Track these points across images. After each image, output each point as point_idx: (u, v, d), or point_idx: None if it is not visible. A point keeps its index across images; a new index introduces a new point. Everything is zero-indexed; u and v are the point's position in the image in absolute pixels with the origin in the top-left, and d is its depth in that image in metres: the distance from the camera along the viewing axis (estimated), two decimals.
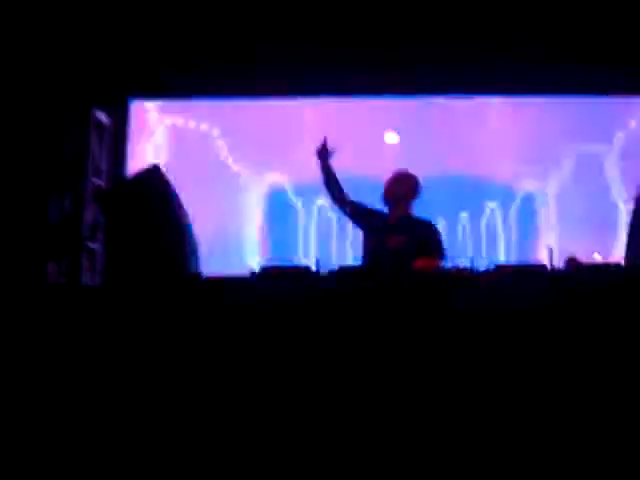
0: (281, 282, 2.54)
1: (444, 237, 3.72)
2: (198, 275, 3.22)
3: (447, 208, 5.63)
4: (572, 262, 3.09)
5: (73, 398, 2.45)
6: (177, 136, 5.99)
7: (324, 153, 3.68)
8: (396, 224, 3.66)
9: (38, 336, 2.58)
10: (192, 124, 5.98)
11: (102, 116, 5.89)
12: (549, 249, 2.89)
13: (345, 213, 3.77)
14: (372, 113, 5.79)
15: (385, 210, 3.76)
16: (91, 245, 5.67)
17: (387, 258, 3.49)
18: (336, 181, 3.73)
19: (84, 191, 5.64)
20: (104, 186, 5.72)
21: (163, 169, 3.22)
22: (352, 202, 3.77)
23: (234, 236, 5.82)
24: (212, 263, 5.10)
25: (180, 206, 3.29)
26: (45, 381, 2.50)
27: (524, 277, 2.63)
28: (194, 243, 3.31)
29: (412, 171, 3.77)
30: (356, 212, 3.76)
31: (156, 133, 6.01)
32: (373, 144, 5.78)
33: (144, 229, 3.13)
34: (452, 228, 5.67)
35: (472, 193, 5.81)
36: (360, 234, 3.81)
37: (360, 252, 3.75)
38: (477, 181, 5.79)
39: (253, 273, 2.57)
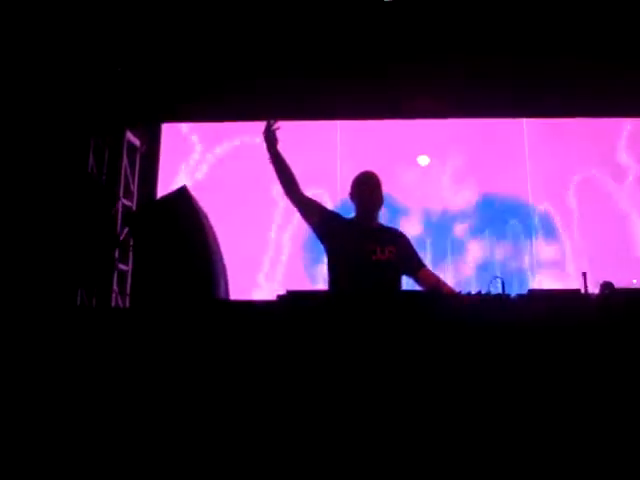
0: (307, 306, 2.51)
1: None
2: (226, 298, 3.20)
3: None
4: (608, 287, 3.00)
5: (104, 419, 2.47)
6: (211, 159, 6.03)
7: (271, 137, 3.32)
8: (371, 232, 3.36)
9: (69, 359, 2.60)
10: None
11: (134, 138, 5.96)
12: (583, 274, 2.80)
13: (300, 209, 3.38)
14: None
15: (345, 215, 3.47)
16: (121, 266, 5.71)
17: (375, 270, 3.24)
18: (287, 169, 3.35)
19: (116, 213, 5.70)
20: (134, 208, 5.78)
21: (191, 191, 3.21)
22: (313, 201, 3.42)
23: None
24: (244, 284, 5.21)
25: (209, 228, 3.28)
26: (75, 403, 2.51)
27: (557, 302, 2.56)
28: (222, 266, 3.29)
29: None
30: (319, 214, 3.40)
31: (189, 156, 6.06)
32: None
33: (172, 251, 3.12)
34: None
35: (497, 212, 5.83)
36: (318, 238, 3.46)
37: (329, 261, 3.39)
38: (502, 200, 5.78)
39: (280, 297, 2.53)
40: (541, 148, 5.82)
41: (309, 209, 3.35)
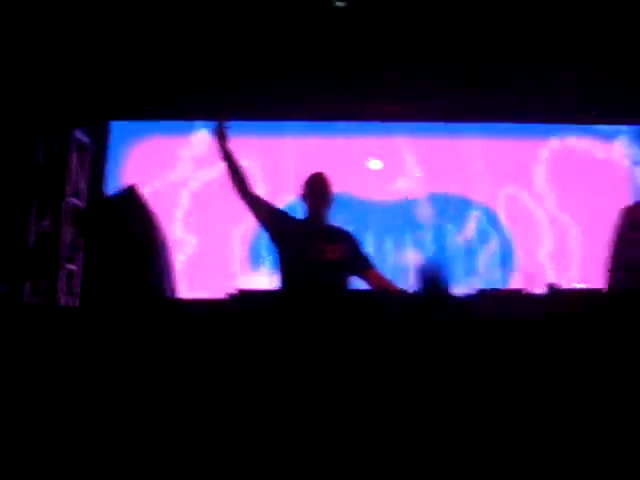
0: (253, 305, 2.52)
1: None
2: (174, 297, 3.18)
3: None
4: (553, 288, 3.08)
5: (50, 418, 2.43)
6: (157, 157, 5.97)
7: (221, 134, 3.33)
8: (321, 232, 3.39)
9: (14, 356, 2.56)
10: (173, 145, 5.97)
11: (83, 137, 5.87)
12: (528, 275, 2.88)
13: (250, 207, 3.38)
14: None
15: (295, 215, 3.49)
16: (69, 266, 5.62)
17: (326, 269, 3.25)
18: (238, 168, 3.36)
19: (62, 211, 5.61)
20: (82, 206, 5.69)
21: (140, 189, 3.18)
22: (263, 200, 3.43)
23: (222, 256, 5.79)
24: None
25: (158, 227, 3.26)
26: (22, 401, 2.47)
27: (503, 301, 2.63)
28: (171, 264, 3.27)
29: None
30: (269, 213, 3.41)
31: (136, 154, 5.99)
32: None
33: (120, 250, 3.09)
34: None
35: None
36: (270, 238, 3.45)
37: (280, 260, 3.38)
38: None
39: (231, 295, 2.54)
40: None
41: (260, 208, 3.37)
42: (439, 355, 2.45)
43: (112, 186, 5.59)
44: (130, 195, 3.23)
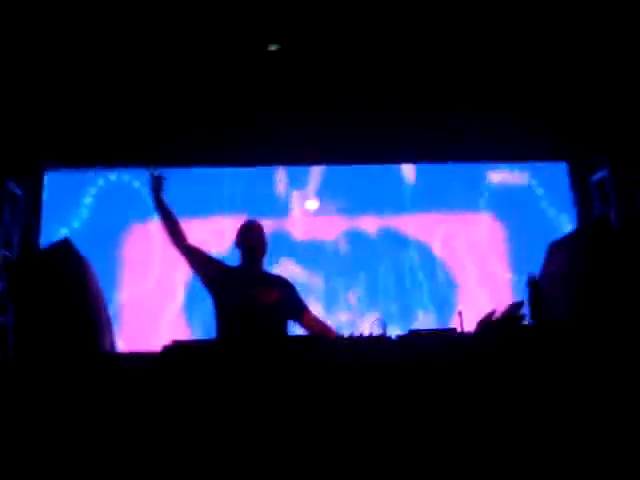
0: (191, 357, 2.52)
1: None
2: (111, 350, 3.15)
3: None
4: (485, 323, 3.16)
5: None
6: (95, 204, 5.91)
7: (156, 185, 3.36)
8: (256, 278, 3.44)
9: None
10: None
11: (14, 187, 5.77)
12: (459, 313, 2.96)
13: (185, 256, 3.40)
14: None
15: (229, 263, 3.53)
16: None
17: (262, 314, 3.29)
18: (172, 218, 3.40)
19: None
20: (13, 258, 5.56)
21: (73, 243, 3.16)
22: (198, 249, 3.46)
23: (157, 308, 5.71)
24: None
25: (93, 279, 3.23)
26: None
27: (435, 341, 2.70)
28: (107, 317, 3.24)
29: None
30: (204, 262, 3.44)
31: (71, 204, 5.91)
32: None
33: (53, 303, 3.05)
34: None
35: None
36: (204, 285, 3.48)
37: (215, 307, 3.40)
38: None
39: (165, 347, 2.53)
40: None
41: (194, 257, 3.40)
42: (373, 395, 2.50)
43: (46, 238, 5.49)
44: (63, 248, 3.21)
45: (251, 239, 3.43)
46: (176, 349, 2.51)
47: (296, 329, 3.48)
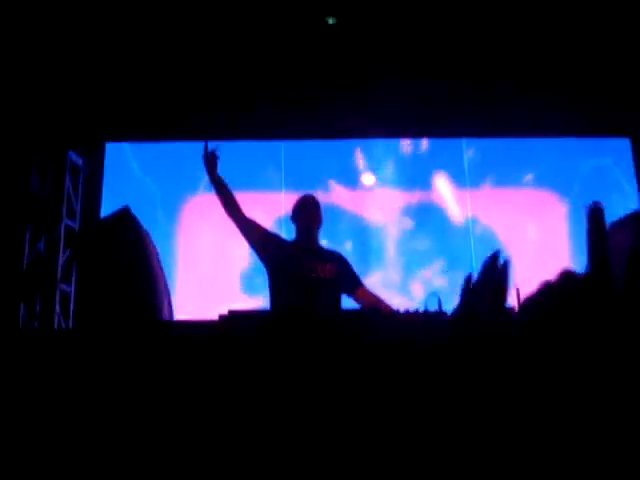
0: (247, 326, 2.54)
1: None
2: (170, 319, 3.21)
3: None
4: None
5: (45, 445, 2.43)
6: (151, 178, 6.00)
7: (210, 159, 3.36)
8: (312, 252, 3.44)
9: (8, 381, 2.56)
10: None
11: (77, 158, 5.90)
12: (516, 290, 2.90)
13: (241, 229, 3.42)
14: None
15: (287, 237, 3.53)
16: (63, 288, 5.63)
17: (317, 288, 3.28)
18: (228, 191, 3.41)
19: (58, 233, 5.64)
20: (76, 229, 5.72)
21: (132, 212, 3.21)
22: (254, 222, 3.47)
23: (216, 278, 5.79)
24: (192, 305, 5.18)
25: (151, 248, 3.28)
26: (17, 428, 2.47)
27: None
28: (165, 286, 3.29)
29: None
30: (260, 235, 3.46)
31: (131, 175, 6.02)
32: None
33: (114, 272, 3.11)
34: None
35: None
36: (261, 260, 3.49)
37: (270, 281, 3.41)
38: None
39: (221, 316, 2.56)
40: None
41: (250, 230, 3.41)
42: (428, 374, 2.47)
43: (106, 208, 5.61)
44: (124, 216, 3.26)
45: (307, 213, 3.43)
46: (232, 318, 2.54)
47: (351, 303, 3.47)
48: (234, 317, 2.55)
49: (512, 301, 2.87)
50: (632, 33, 4.88)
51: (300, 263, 3.34)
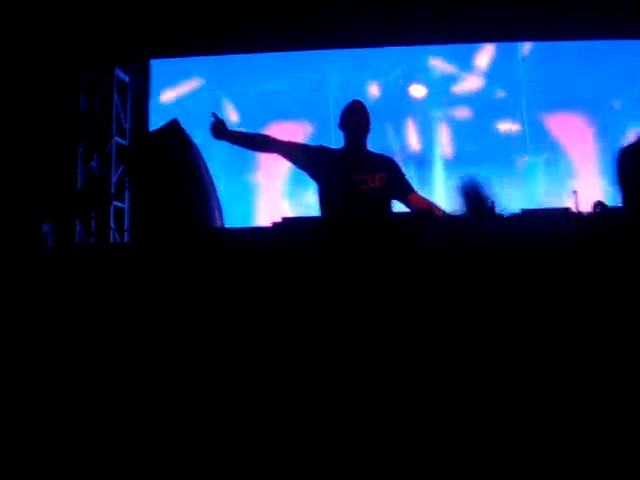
0: (298, 233, 2.53)
1: None
2: (222, 229, 3.22)
3: None
4: (599, 206, 3.01)
5: (99, 353, 2.50)
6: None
7: (221, 133, 3.30)
8: (361, 160, 3.36)
9: (67, 294, 2.62)
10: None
11: (124, 75, 5.89)
12: (574, 192, 2.82)
13: (283, 156, 3.37)
14: None
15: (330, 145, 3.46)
16: (117, 203, 5.73)
17: (366, 198, 3.22)
18: (252, 140, 3.41)
19: (110, 151, 5.70)
20: (127, 144, 5.75)
21: (181, 124, 3.19)
22: (293, 144, 3.42)
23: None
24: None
25: (200, 160, 3.28)
26: (74, 335, 2.54)
27: (550, 220, 2.58)
28: (216, 196, 3.29)
29: None
30: (302, 153, 3.38)
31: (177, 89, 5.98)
32: None
33: (166, 184, 3.13)
34: None
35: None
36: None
37: (320, 194, 3.35)
38: None
39: (275, 224, 2.55)
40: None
41: (292, 153, 3.36)
42: (482, 279, 2.43)
43: (154, 123, 5.62)
44: (173, 129, 3.25)
45: (354, 119, 3.36)
46: (285, 225, 2.53)
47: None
48: (287, 224, 2.54)
49: (572, 203, 2.81)
50: None
51: (348, 173, 3.29)
